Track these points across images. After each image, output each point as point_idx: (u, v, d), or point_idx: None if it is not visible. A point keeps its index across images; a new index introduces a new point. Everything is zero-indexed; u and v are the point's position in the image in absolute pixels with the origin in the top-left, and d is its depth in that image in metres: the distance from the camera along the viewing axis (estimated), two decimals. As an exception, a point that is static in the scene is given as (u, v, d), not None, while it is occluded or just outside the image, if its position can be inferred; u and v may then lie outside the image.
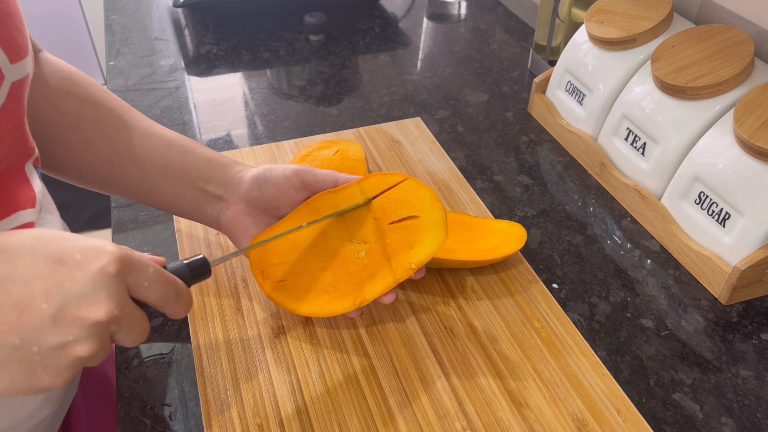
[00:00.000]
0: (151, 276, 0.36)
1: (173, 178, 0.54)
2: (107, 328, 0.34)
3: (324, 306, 0.50)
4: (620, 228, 0.67)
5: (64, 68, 0.54)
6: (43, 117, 0.52)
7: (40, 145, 0.52)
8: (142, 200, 0.56)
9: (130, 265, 0.35)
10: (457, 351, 0.53)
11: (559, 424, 0.48)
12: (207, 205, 0.55)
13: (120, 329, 0.35)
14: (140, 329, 0.36)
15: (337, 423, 0.48)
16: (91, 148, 0.53)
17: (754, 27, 0.66)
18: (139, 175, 0.54)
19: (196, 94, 0.88)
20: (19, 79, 0.42)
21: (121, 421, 0.49)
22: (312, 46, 1.00)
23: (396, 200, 0.52)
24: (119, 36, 1.02)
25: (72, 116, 0.53)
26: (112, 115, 0.54)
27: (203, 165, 0.55)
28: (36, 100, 0.51)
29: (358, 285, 0.50)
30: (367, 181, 0.53)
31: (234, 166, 0.56)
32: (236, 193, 0.55)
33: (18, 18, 0.42)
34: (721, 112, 0.61)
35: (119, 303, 0.34)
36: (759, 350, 0.55)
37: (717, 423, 0.49)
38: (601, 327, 0.57)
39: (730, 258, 0.59)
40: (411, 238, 0.51)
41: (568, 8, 0.84)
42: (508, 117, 0.84)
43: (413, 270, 0.49)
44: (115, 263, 0.34)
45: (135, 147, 0.54)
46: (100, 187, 0.56)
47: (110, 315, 0.34)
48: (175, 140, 0.55)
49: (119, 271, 0.34)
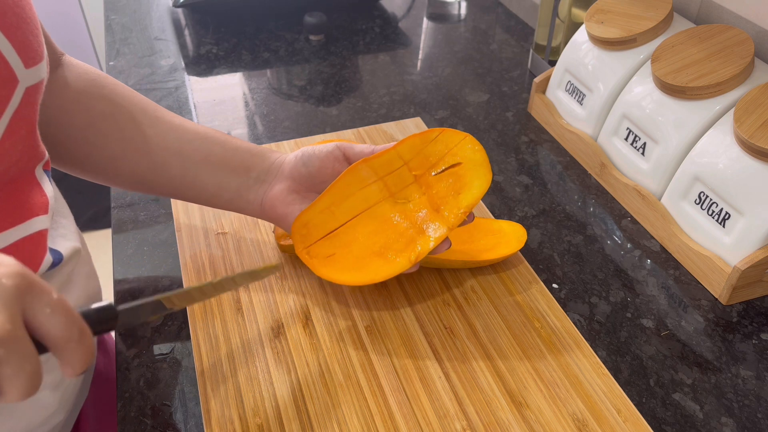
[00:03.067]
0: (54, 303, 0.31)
1: (215, 168, 0.55)
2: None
3: (380, 270, 0.50)
4: (620, 228, 0.67)
5: (90, 71, 0.55)
6: (77, 120, 0.52)
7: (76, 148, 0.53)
8: (180, 194, 0.57)
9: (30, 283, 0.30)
10: (457, 351, 0.53)
11: (559, 424, 0.48)
12: (249, 191, 0.56)
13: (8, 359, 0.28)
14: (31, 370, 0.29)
15: (337, 423, 0.48)
16: (130, 145, 0.54)
17: (754, 27, 0.66)
18: (180, 168, 0.55)
19: (196, 94, 0.88)
20: (33, 84, 0.42)
21: (121, 421, 0.49)
22: (312, 46, 1.00)
23: (435, 153, 0.53)
24: (119, 36, 1.02)
25: (107, 116, 0.53)
26: (145, 112, 0.55)
27: (243, 154, 0.56)
28: (66, 104, 0.52)
29: (412, 241, 0.51)
30: (403, 144, 0.53)
31: (273, 153, 0.57)
32: (280, 174, 0.55)
33: (34, 23, 0.42)
34: (721, 112, 0.61)
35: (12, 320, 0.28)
36: (759, 350, 0.55)
37: (717, 423, 0.49)
38: (601, 327, 0.57)
39: (730, 258, 0.59)
40: (456, 185, 0.51)
41: (568, 8, 0.84)
42: (508, 117, 0.84)
43: (465, 214, 0.50)
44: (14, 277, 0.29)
45: (173, 141, 0.54)
46: (137, 185, 0.57)
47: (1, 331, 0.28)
48: (212, 133, 0.56)
49: (17, 286, 0.29)
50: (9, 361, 0.28)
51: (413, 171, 0.53)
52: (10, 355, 0.28)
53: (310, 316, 0.56)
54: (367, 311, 0.56)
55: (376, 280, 0.50)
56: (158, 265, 0.62)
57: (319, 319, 0.55)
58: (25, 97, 0.41)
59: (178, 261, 0.61)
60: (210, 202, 0.57)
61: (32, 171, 0.45)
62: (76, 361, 0.32)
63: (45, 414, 0.49)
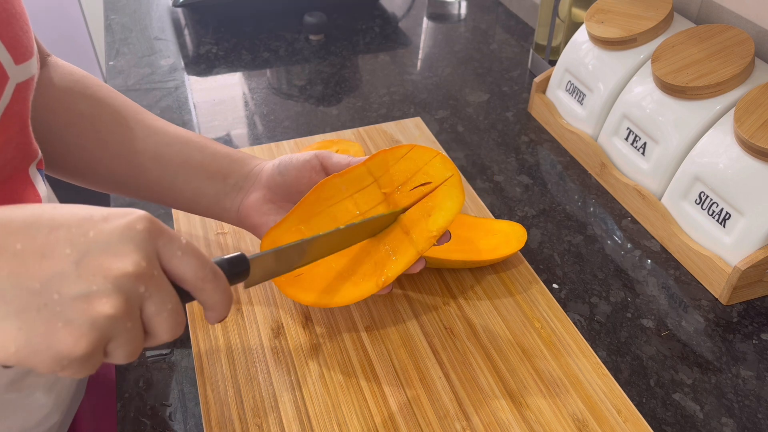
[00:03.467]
0: (184, 246, 0.33)
1: (192, 174, 0.54)
2: (134, 285, 0.31)
3: (347, 293, 0.49)
4: (620, 228, 0.67)
5: (75, 71, 0.54)
6: (58, 119, 0.52)
7: (54, 148, 0.53)
8: (159, 199, 0.56)
9: (160, 228, 0.33)
10: (457, 351, 0.53)
11: (559, 425, 0.48)
12: (226, 198, 0.55)
13: (149, 296, 0.31)
14: (173, 308, 0.32)
15: (337, 423, 0.48)
16: (107, 147, 0.53)
17: (754, 27, 0.66)
18: (158, 172, 0.54)
19: (195, 94, 0.88)
20: (24, 81, 0.42)
21: (120, 421, 0.49)
22: (312, 46, 1.00)
23: (404, 171, 0.51)
24: (119, 36, 1.02)
25: (87, 117, 0.53)
26: (126, 114, 0.54)
27: (221, 160, 0.55)
28: (49, 103, 0.51)
29: (380, 265, 0.49)
30: (372, 160, 0.52)
31: (252, 160, 0.56)
32: (257, 183, 0.55)
33: (23, 19, 0.42)
34: (722, 112, 0.61)
35: (147, 258, 0.31)
36: (759, 350, 0.55)
37: (717, 423, 0.49)
38: (601, 327, 0.57)
39: (730, 258, 0.58)
40: (428, 206, 0.49)
41: (568, 8, 0.84)
42: (508, 117, 0.84)
43: (435, 238, 0.48)
44: (143, 221, 0.32)
45: (152, 144, 0.54)
46: (115, 188, 0.56)
47: (137, 268, 0.31)
48: (192, 137, 0.56)
49: (148, 230, 0.32)
50: (151, 297, 0.31)
51: (383, 189, 0.52)
52: (151, 292, 0.31)
53: (310, 316, 0.56)
54: (367, 311, 0.56)
55: (341, 304, 0.49)
56: (158, 265, 0.62)
57: (319, 319, 0.55)
58: (16, 93, 0.41)
59: (178, 261, 0.61)
60: (189, 208, 0.56)
61: (26, 170, 0.44)
62: (216, 301, 0.35)
63: (40, 415, 0.48)
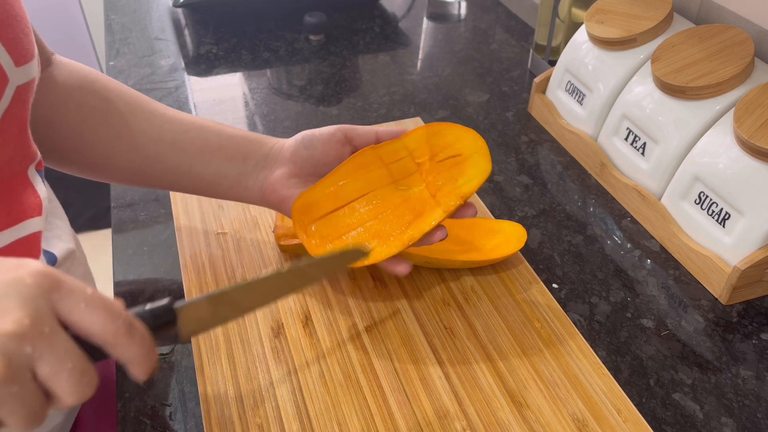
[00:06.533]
0: (88, 298, 0.29)
1: (211, 158, 0.54)
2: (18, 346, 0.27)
3: (375, 253, 0.51)
4: (620, 228, 0.67)
5: (81, 68, 0.55)
6: (70, 117, 0.52)
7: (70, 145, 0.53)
8: (179, 186, 0.56)
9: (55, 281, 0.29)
10: (457, 351, 0.53)
11: (559, 424, 0.48)
12: (248, 178, 0.55)
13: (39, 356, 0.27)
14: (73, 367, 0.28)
15: (337, 423, 0.48)
16: (123, 139, 0.53)
17: (754, 27, 0.66)
18: (177, 158, 0.54)
19: (196, 94, 0.88)
20: (24, 83, 0.42)
21: (120, 421, 0.49)
22: (312, 46, 1.00)
23: (438, 144, 0.54)
24: (119, 36, 1.02)
25: (100, 111, 0.53)
26: (138, 105, 0.54)
27: (239, 141, 0.55)
28: (59, 101, 0.52)
29: (408, 226, 0.51)
30: (408, 136, 0.54)
31: (269, 140, 0.56)
32: (280, 159, 0.55)
33: (24, 21, 0.42)
34: (721, 112, 0.61)
35: (35, 315, 0.27)
36: (759, 350, 0.55)
37: (717, 423, 0.49)
38: (601, 327, 0.57)
39: (730, 258, 0.59)
40: (455, 173, 0.52)
41: (568, 8, 0.84)
42: (508, 117, 0.84)
43: (462, 198, 0.50)
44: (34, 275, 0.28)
45: (169, 132, 0.54)
46: (134, 179, 0.56)
47: (19, 327, 0.27)
48: (206, 123, 0.56)
49: (38, 284, 0.28)
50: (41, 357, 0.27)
51: (416, 159, 0.54)
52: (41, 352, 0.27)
53: (310, 316, 0.56)
54: (367, 311, 0.56)
55: (370, 263, 0.51)
56: (158, 265, 0.62)
57: (319, 319, 0.55)
58: (16, 95, 0.41)
59: (178, 261, 0.61)
60: (208, 192, 0.56)
61: (25, 171, 0.44)
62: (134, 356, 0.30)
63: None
